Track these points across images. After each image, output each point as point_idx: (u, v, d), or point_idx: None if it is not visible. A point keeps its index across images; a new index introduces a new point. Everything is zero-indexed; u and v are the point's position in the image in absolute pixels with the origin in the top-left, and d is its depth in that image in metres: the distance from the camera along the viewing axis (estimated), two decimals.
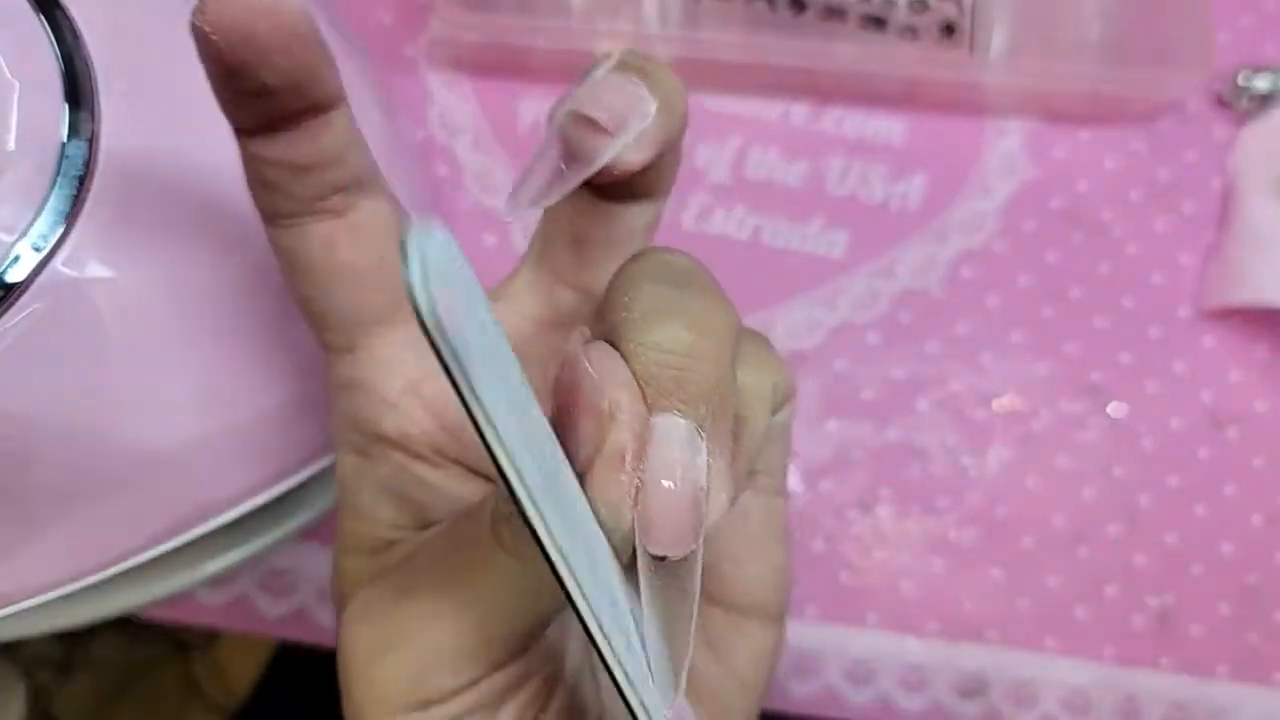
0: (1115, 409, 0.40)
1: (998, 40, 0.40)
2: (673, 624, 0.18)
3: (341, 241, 0.21)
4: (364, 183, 0.21)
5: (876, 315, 0.41)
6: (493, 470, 0.22)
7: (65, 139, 0.22)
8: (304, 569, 0.39)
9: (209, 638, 0.89)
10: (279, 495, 0.30)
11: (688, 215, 0.41)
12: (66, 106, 0.22)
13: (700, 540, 0.18)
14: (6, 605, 0.27)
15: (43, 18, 0.23)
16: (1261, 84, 0.40)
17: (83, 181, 0.22)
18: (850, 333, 0.40)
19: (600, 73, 0.20)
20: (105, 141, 0.23)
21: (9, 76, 0.22)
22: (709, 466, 0.18)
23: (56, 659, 0.89)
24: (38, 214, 0.22)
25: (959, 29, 0.39)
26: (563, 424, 0.17)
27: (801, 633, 0.39)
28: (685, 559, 0.18)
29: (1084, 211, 0.41)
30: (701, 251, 0.42)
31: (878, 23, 0.39)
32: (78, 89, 0.22)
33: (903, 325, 0.40)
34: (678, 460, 0.17)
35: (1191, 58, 0.38)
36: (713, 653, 0.24)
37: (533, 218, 0.23)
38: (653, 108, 0.20)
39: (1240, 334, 0.40)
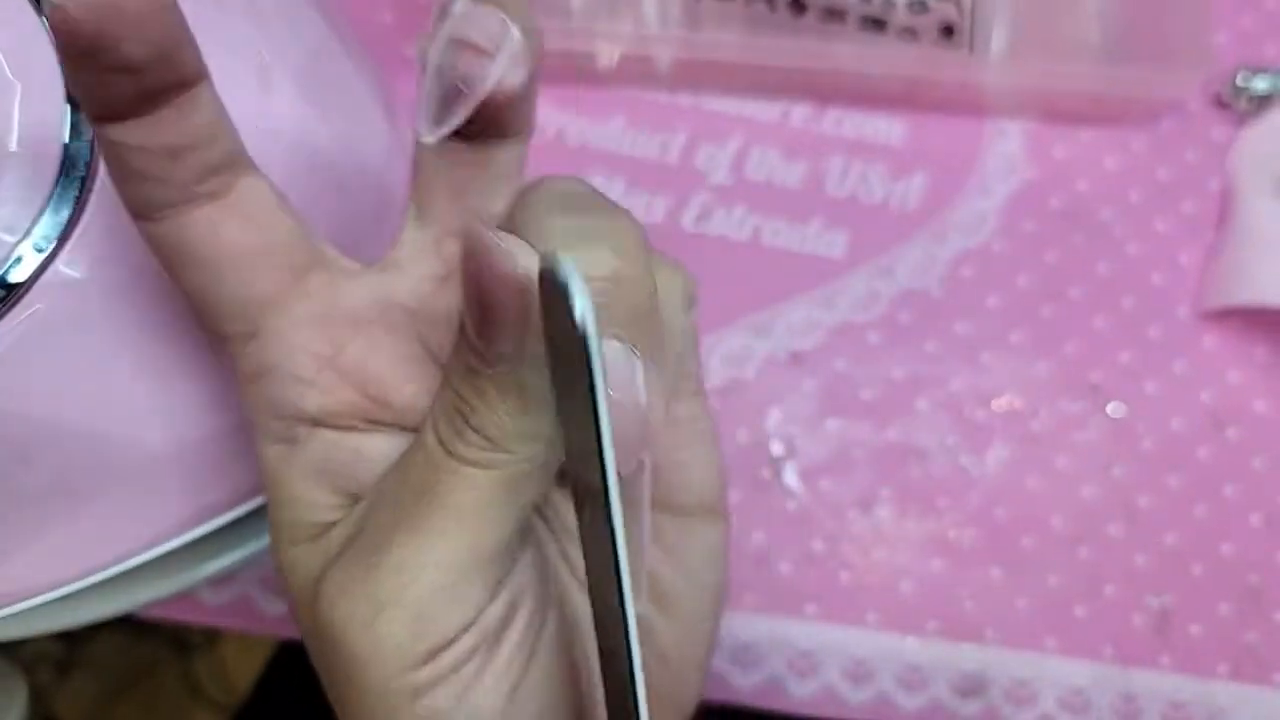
0: (1115, 409, 0.40)
1: (997, 41, 0.40)
2: (627, 534, 0.19)
3: (224, 225, 0.20)
4: (236, 161, 0.20)
5: (876, 315, 0.41)
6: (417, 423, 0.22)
7: (67, 139, 0.22)
8: None
9: (210, 637, 0.89)
10: None
11: (688, 215, 0.41)
12: (68, 107, 0.22)
13: (646, 452, 0.18)
14: (7, 605, 0.27)
15: (44, 18, 0.23)
16: (1261, 84, 0.40)
17: (85, 182, 0.22)
18: (850, 333, 0.40)
19: (458, 7, 0.20)
20: None
21: (10, 77, 0.22)
22: (646, 382, 0.18)
23: (57, 658, 0.89)
24: (40, 214, 0.22)
25: (958, 30, 0.39)
26: (480, 315, 0.17)
27: (801, 632, 0.39)
28: (633, 473, 0.18)
29: (1083, 211, 0.41)
30: (701, 251, 0.42)
31: (877, 24, 0.39)
32: None
33: (902, 325, 0.40)
34: (619, 381, 0.17)
35: (1191, 58, 0.38)
36: (668, 558, 0.25)
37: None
38: (517, 31, 0.20)
39: (1240, 334, 0.40)
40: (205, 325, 0.22)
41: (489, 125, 0.22)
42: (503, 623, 0.21)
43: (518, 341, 0.17)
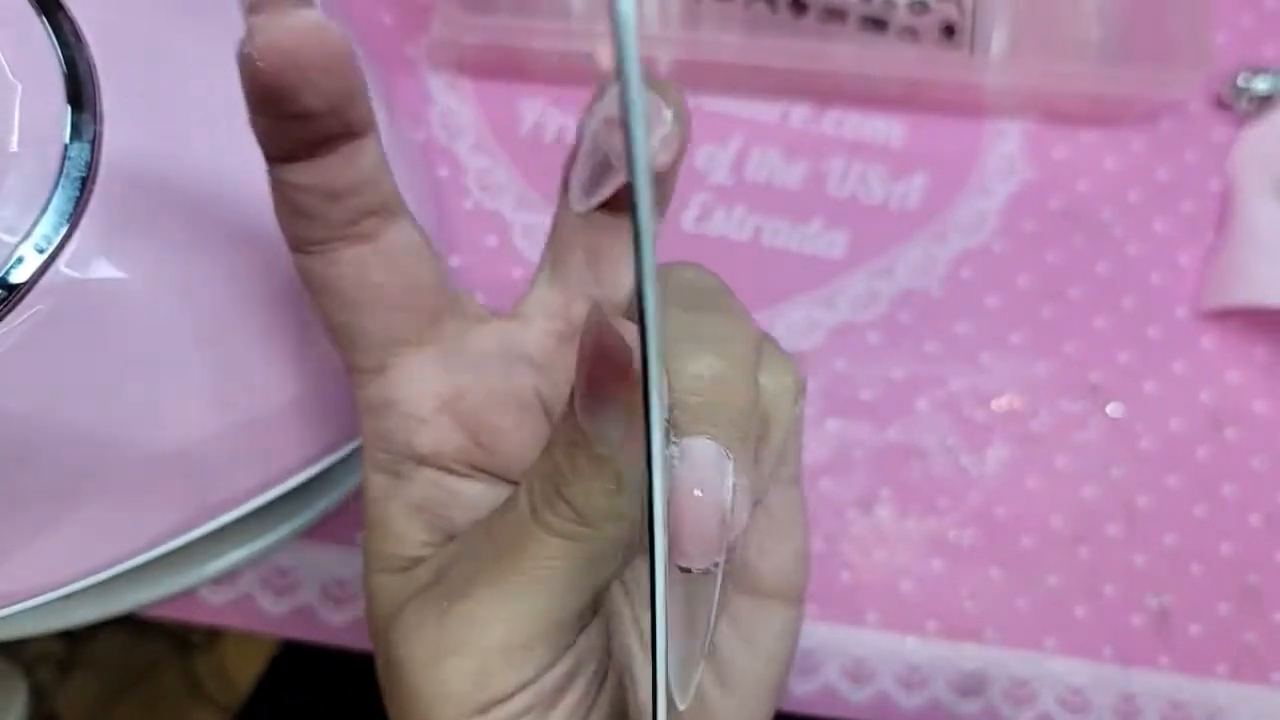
0: (1114, 409, 0.40)
1: (997, 41, 0.40)
2: (691, 630, 0.19)
3: (373, 266, 0.21)
4: (391, 207, 0.22)
5: (876, 315, 0.41)
6: (517, 475, 0.23)
7: (68, 141, 0.22)
8: (307, 568, 0.40)
9: (211, 636, 0.89)
10: (281, 494, 0.30)
11: (688, 216, 0.41)
12: (69, 108, 0.22)
13: (723, 554, 0.18)
14: (9, 604, 0.27)
15: (44, 20, 0.23)
16: (1261, 85, 0.40)
17: (85, 183, 0.22)
18: (850, 333, 0.41)
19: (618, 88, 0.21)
20: (107, 143, 0.23)
21: (11, 78, 0.22)
22: (734, 486, 0.18)
23: (58, 657, 0.89)
24: (41, 215, 0.22)
25: (959, 30, 0.39)
26: (589, 394, 0.18)
27: (801, 632, 0.39)
28: (707, 572, 0.18)
29: (1083, 212, 0.41)
30: (702, 252, 0.42)
31: (878, 24, 0.39)
32: (80, 91, 0.23)
33: (902, 325, 0.40)
34: (706, 480, 0.18)
35: (1191, 59, 0.38)
36: (741, 637, 0.25)
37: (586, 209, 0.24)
38: (669, 114, 0.21)
39: (1239, 334, 0.40)
40: (341, 356, 0.23)
41: (620, 199, 0.23)
42: (562, 685, 0.21)
43: (620, 427, 0.18)
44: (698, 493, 0.18)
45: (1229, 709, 0.38)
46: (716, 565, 0.18)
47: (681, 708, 0.20)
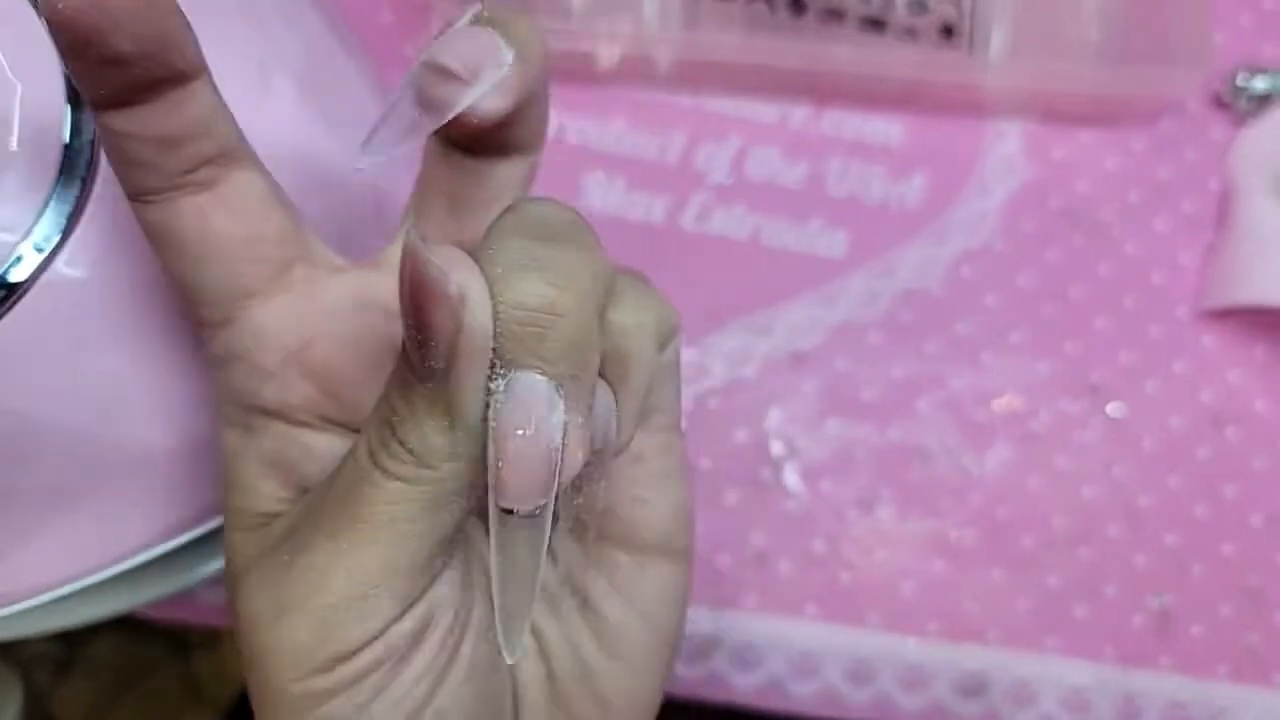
0: (1115, 409, 0.40)
1: (996, 41, 0.40)
2: (518, 578, 0.19)
3: (213, 214, 0.21)
4: (232, 153, 0.21)
5: (877, 315, 0.41)
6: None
7: (67, 139, 0.22)
8: None
9: (209, 637, 0.89)
10: None
11: (688, 215, 0.41)
12: (69, 107, 0.22)
13: (552, 496, 0.18)
14: (6, 605, 0.27)
15: (44, 19, 0.23)
16: (1260, 84, 0.40)
17: (85, 182, 0.22)
18: (850, 333, 0.40)
19: (457, 25, 0.20)
20: None
21: (11, 77, 0.22)
22: (565, 424, 0.18)
23: (55, 658, 0.89)
24: (40, 214, 0.22)
25: (958, 30, 0.39)
26: (411, 324, 0.17)
27: (801, 632, 0.39)
28: (535, 514, 0.18)
29: (1083, 211, 0.41)
30: (701, 251, 0.42)
31: (877, 24, 0.39)
32: (79, 90, 0.23)
33: (903, 325, 0.40)
34: (531, 414, 0.17)
35: (1190, 58, 0.38)
36: (620, 596, 0.24)
37: (380, 168, 0.22)
38: (509, 57, 0.20)
39: (1240, 334, 0.40)
40: (185, 308, 0.22)
41: (481, 142, 0.22)
42: (412, 640, 0.20)
43: (448, 358, 0.17)
44: (521, 431, 0.17)
45: (1230, 710, 0.38)
46: (543, 508, 0.18)
47: (510, 661, 0.19)
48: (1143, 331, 0.40)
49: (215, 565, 0.34)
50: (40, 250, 0.22)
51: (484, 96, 0.20)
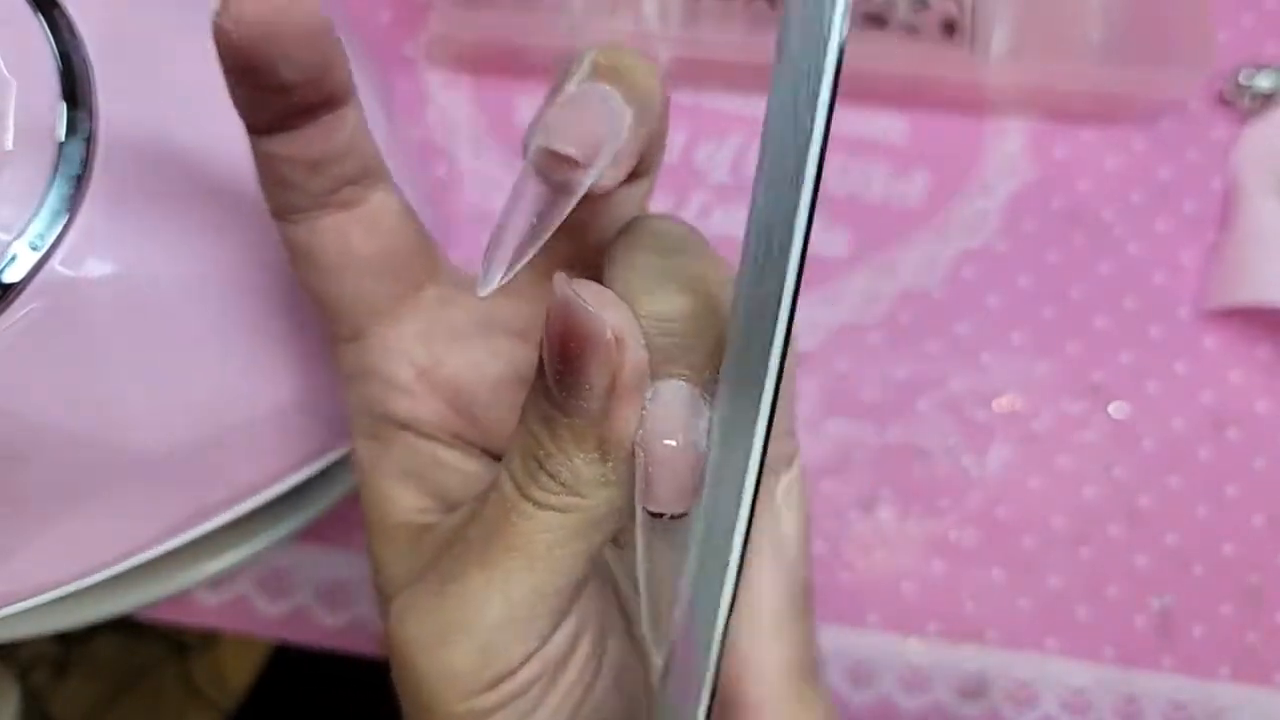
0: (1116, 409, 0.40)
1: (998, 39, 0.39)
2: (664, 578, 0.19)
3: (353, 234, 0.21)
4: (372, 174, 0.21)
5: (877, 315, 0.40)
6: (501, 447, 0.22)
7: (63, 138, 0.22)
8: (303, 569, 0.39)
9: (207, 639, 0.89)
10: (278, 495, 0.30)
11: (688, 215, 0.41)
12: (64, 105, 0.22)
13: (699, 499, 0.18)
14: (7, 605, 0.27)
15: (41, 16, 0.22)
16: (1263, 83, 0.40)
17: (80, 180, 0.22)
18: (851, 333, 0.40)
19: (571, 86, 0.20)
20: (103, 140, 0.23)
21: (6, 75, 0.22)
22: (709, 430, 0.18)
23: (54, 659, 0.89)
24: (35, 213, 0.22)
25: (960, 27, 0.39)
26: (562, 368, 0.17)
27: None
28: (681, 517, 0.18)
29: (1085, 211, 0.41)
30: None
31: (878, 21, 0.39)
32: (75, 87, 0.22)
33: (903, 325, 0.40)
34: (679, 423, 0.18)
35: (1192, 57, 0.38)
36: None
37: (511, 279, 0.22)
38: (629, 119, 0.20)
39: (1241, 334, 0.40)
40: (321, 321, 0.23)
41: (598, 200, 0.22)
42: (566, 652, 0.21)
43: (602, 401, 0.17)
44: (669, 442, 0.18)
45: (1231, 710, 0.38)
46: (690, 511, 0.18)
47: (661, 661, 0.20)
48: (1144, 332, 0.40)
49: (214, 566, 0.34)
50: (36, 249, 0.22)
51: (605, 171, 0.19)
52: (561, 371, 0.17)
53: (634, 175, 0.22)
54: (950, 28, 0.38)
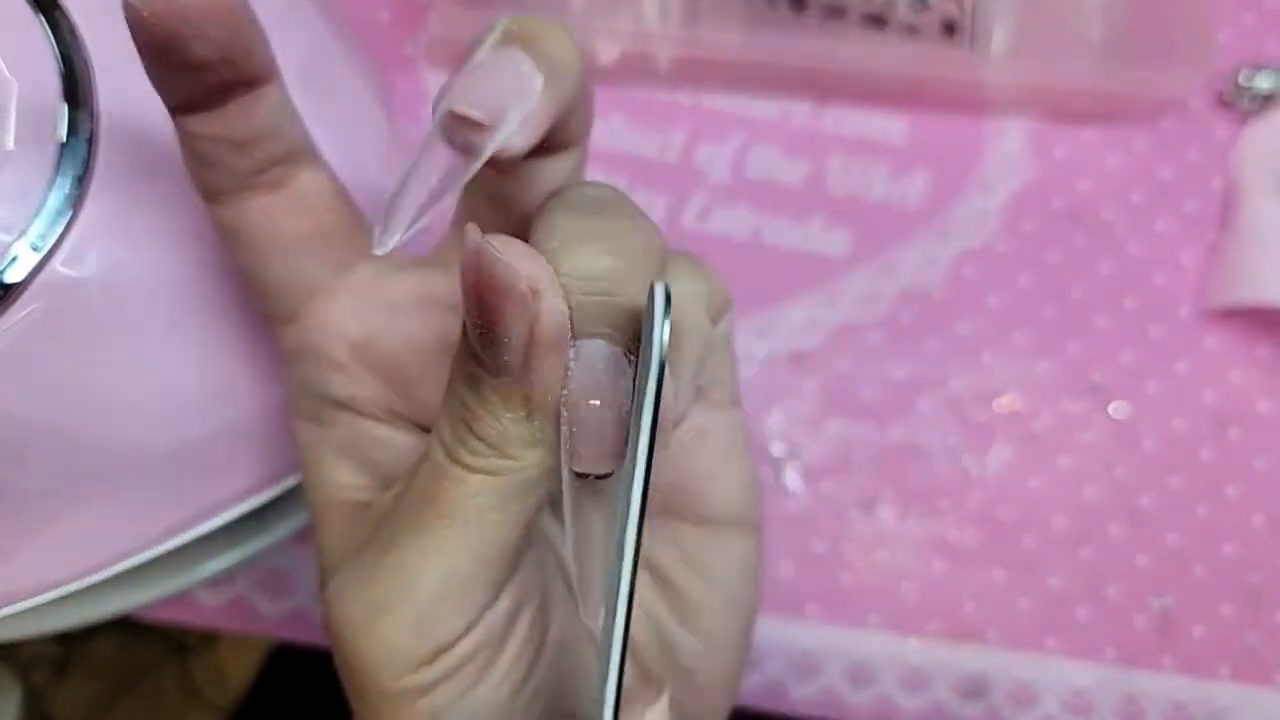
0: (1117, 409, 0.40)
1: (998, 39, 0.39)
2: (593, 542, 0.19)
3: (281, 214, 0.21)
4: (300, 154, 0.21)
5: (877, 315, 0.40)
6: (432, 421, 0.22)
7: (64, 138, 0.22)
8: (303, 569, 0.39)
9: (207, 639, 0.89)
10: (278, 495, 0.30)
11: (688, 215, 0.41)
12: (65, 105, 0.22)
13: (623, 460, 0.18)
14: (6, 605, 0.27)
15: (42, 17, 0.22)
16: (1263, 83, 0.40)
17: (81, 181, 0.22)
18: (851, 333, 0.40)
19: (481, 52, 0.19)
20: (104, 140, 0.23)
21: (8, 75, 0.22)
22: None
23: (54, 659, 0.89)
24: (36, 213, 0.22)
25: (960, 27, 0.39)
26: (480, 321, 0.17)
27: (801, 633, 0.38)
28: (608, 477, 0.18)
29: (1085, 211, 0.41)
30: (702, 251, 0.42)
31: (878, 21, 0.39)
32: (76, 88, 0.22)
33: (903, 325, 0.40)
34: (602, 382, 0.18)
35: (1193, 56, 0.38)
36: (694, 570, 0.24)
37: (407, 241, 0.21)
38: (538, 84, 0.19)
39: (1242, 334, 0.40)
40: (258, 305, 0.23)
41: (509, 167, 0.21)
42: (507, 623, 0.21)
43: (521, 355, 0.17)
44: (592, 402, 0.18)
45: (1232, 710, 0.38)
46: (615, 471, 0.18)
47: (590, 623, 0.19)
48: (1145, 331, 0.40)
49: (214, 566, 0.34)
50: (37, 249, 0.22)
51: (512, 135, 0.19)
52: (479, 325, 0.17)
53: (557, 147, 0.22)
54: (950, 28, 0.38)
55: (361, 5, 0.43)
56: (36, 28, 0.22)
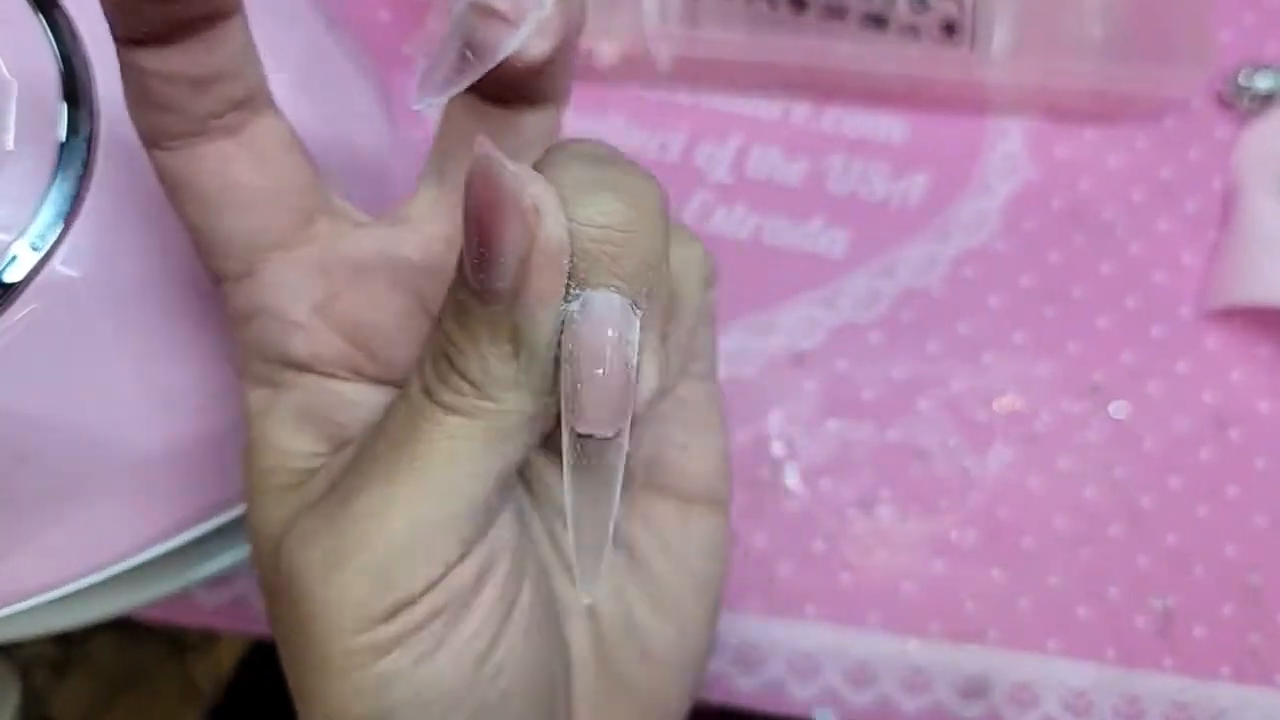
0: (1117, 409, 0.40)
1: (999, 39, 0.39)
2: (595, 506, 0.18)
3: (238, 162, 0.20)
4: (259, 98, 0.20)
5: (877, 315, 0.40)
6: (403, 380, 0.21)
7: (64, 138, 0.22)
8: None
9: (207, 639, 0.89)
10: None
11: (688, 214, 0.41)
12: (65, 105, 0.22)
13: (628, 420, 0.17)
14: (5, 605, 0.27)
15: (42, 17, 0.22)
16: (1263, 83, 0.40)
17: (81, 180, 0.22)
18: (851, 332, 0.40)
19: None
20: (104, 140, 0.23)
21: (8, 75, 0.22)
22: (641, 344, 0.17)
23: (53, 659, 0.89)
24: (36, 213, 0.22)
25: (960, 27, 0.39)
26: (479, 238, 0.16)
27: (801, 633, 0.38)
28: (612, 439, 0.17)
29: (1086, 211, 0.41)
30: None
31: (878, 21, 0.39)
32: (76, 87, 0.22)
33: (904, 325, 0.40)
34: (611, 335, 0.17)
35: (1193, 56, 0.38)
36: (665, 549, 0.24)
37: (438, 110, 0.21)
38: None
39: (1243, 334, 0.40)
40: (203, 262, 0.21)
41: (513, 91, 0.21)
42: (473, 586, 0.20)
43: (515, 277, 0.17)
44: (600, 351, 0.17)
45: (1232, 711, 0.38)
46: (620, 433, 0.17)
47: (588, 601, 0.19)
48: (1145, 331, 0.40)
49: (214, 565, 0.33)
50: (36, 249, 0.22)
51: (529, 39, 0.19)
52: (478, 247, 0.16)
53: (540, 98, 0.22)
54: (950, 28, 0.38)
55: (361, 5, 0.43)
56: (36, 27, 0.22)
